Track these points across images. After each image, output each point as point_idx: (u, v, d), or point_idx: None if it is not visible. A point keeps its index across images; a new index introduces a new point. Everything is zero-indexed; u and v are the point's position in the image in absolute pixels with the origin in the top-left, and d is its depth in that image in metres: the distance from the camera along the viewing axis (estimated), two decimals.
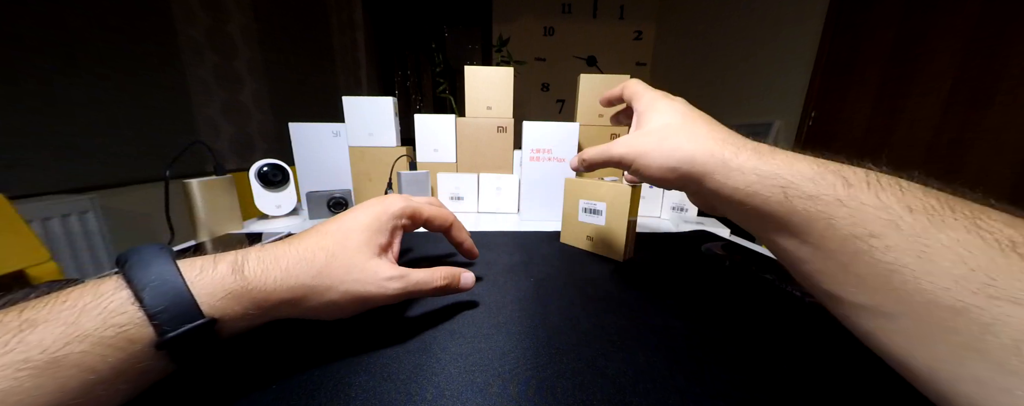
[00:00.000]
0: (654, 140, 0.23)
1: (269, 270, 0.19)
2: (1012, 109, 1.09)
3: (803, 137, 1.74)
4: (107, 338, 0.14)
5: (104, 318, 0.15)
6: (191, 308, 0.16)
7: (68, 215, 0.99)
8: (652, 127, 0.24)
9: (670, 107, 0.25)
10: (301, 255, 0.21)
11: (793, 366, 0.22)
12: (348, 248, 0.22)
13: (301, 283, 0.20)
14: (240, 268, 0.19)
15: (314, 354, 0.23)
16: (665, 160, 0.22)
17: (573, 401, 0.19)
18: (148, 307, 0.15)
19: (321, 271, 0.21)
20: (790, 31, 1.82)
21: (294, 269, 0.20)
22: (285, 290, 0.20)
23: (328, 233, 0.23)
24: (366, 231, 0.24)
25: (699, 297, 0.32)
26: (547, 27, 3.00)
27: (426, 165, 0.66)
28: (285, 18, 1.88)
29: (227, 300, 0.18)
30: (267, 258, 0.20)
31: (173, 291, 0.16)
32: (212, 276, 0.18)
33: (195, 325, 0.16)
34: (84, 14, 1.04)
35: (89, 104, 1.07)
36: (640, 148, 0.24)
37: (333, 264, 0.21)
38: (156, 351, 0.16)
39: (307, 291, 0.20)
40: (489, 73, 0.63)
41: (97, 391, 0.14)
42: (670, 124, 0.24)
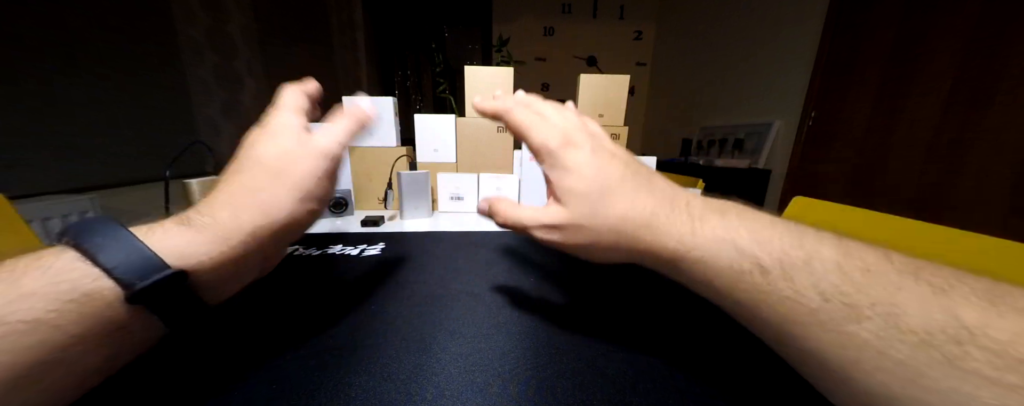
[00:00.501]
0: (588, 236, 0.20)
1: (215, 211, 0.19)
2: (1012, 109, 1.10)
3: (803, 137, 1.74)
4: (60, 293, 0.14)
5: (51, 276, 0.14)
6: (152, 261, 0.16)
7: (68, 215, 0.99)
8: (575, 213, 0.20)
9: (579, 170, 0.20)
10: (232, 186, 0.20)
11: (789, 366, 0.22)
12: (264, 159, 0.22)
13: (252, 203, 0.20)
14: (186, 220, 0.18)
15: (314, 354, 0.23)
16: (605, 257, 0.21)
17: (573, 401, 0.19)
18: (102, 262, 0.15)
19: (259, 185, 0.21)
20: (790, 31, 1.82)
21: (236, 198, 0.20)
22: (245, 217, 0.19)
23: (244, 165, 0.22)
24: (270, 141, 0.23)
25: (699, 297, 0.32)
26: (547, 27, 3.00)
27: (426, 165, 0.66)
28: (285, 18, 1.88)
29: (191, 249, 0.17)
30: (204, 206, 0.19)
31: (128, 247, 0.16)
32: (162, 232, 0.17)
33: (165, 275, 0.16)
34: (84, 14, 1.04)
35: (89, 104, 1.07)
36: (574, 243, 0.21)
37: (263, 174, 0.21)
38: (130, 307, 0.15)
39: (265, 206, 0.20)
40: (489, 73, 0.63)
41: (65, 350, 0.14)
42: (595, 212, 0.20)
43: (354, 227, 0.53)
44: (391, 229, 0.53)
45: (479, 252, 0.42)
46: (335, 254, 0.41)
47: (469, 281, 0.34)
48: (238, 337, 0.24)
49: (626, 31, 3.04)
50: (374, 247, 0.43)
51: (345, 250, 0.42)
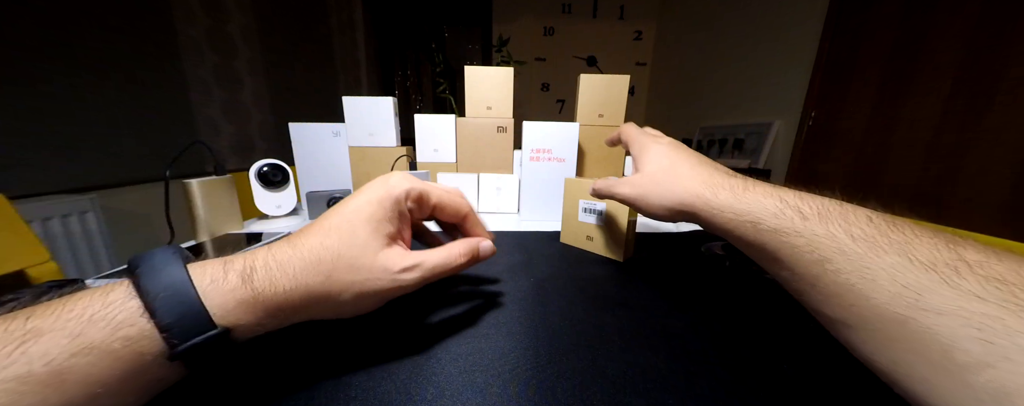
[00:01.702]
0: (649, 184, 0.27)
1: (277, 279, 0.19)
2: (1012, 109, 1.10)
3: (803, 137, 1.74)
4: (115, 350, 0.14)
5: (112, 330, 0.14)
6: (203, 319, 0.16)
7: (68, 215, 0.99)
8: (646, 171, 0.28)
9: (659, 152, 0.29)
10: (306, 259, 0.20)
11: (793, 366, 0.22)
12: (354, 245, 0.21)
13: (310, 290, 0.19)
14: (249, 278, 0.18)
15: (314, 354, 0.23)
16: (661, 202, 0.26)
17: (573, 401, 0.19)
18: (159, 319, 0.15)
19: (329, 275, 0.20)
20: (790, 31, 1.82)
21: (302, 276, 0.19)
22: (297, 299, 0.19)
23: (330, 229, 0.21)
24: (370, 222, 0.21)
25: (699, 297, 0.32)
26: (547, 27, 3.00)
27: (426, 165, 0.66)
28: (285, 18, 1.88)
29: (238, 310, 0.17)
30: (273, 265, 0.19)
31: (185, 302, 0.16)
32: (223, 287, 0.17)
33: (207, 337, 0.16)
34: (84, 14, 1.04)
35: (89, 104, 1.07)
36: (639, 191, 0.28)
37: (339, 265, 0.20)
38: (168, 362, 0.16)
39: (318, 297, 0.20)
40: (489, 73, 0.63)
41: (103, 402, 0.14)
42: (660, 168, 0.28)
43: None
44: None
45: None
46: None
47: (469, 281, 0.34)
48: None
49: (626, 31, 3.03)
50: None
51: None
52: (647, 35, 3.05)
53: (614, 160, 0.67)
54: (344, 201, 0.23)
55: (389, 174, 0.24)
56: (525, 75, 3.00)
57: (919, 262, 0.14)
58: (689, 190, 0.25)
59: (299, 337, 0.24)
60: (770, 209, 0.20)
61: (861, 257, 0.16)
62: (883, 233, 0.16)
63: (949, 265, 0.14)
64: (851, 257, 0.16)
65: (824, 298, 0.17)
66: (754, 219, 0.20)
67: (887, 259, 0.15)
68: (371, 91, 2.71)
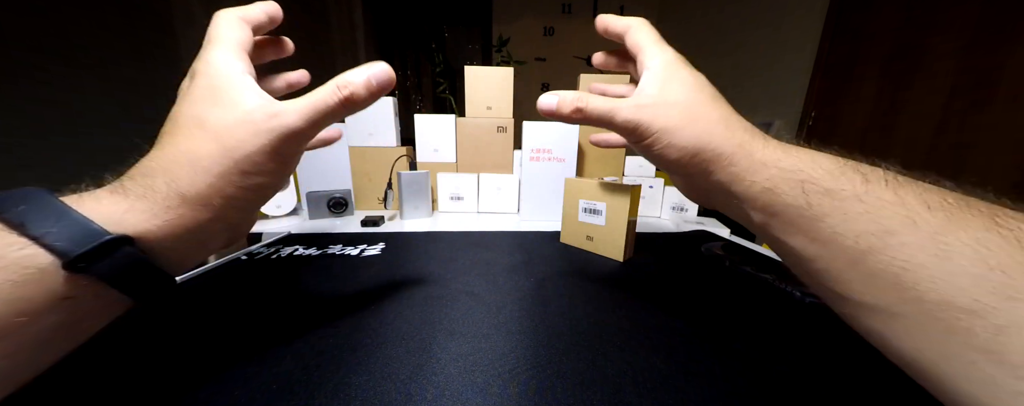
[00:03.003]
0: (682, 115, 0.20)
1: (151, 181, 0.17)
2: (1012, 109, 1.10)
3: (803, 137, 1.74)
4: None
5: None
6: (89, 228, 0.15)
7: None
8: (675, 98, 0.21)
9: (695, 79, 0.22)
10: (166, 155, 0.18)
11: (792, 366, 0.22)
12: (203, 126, 0.18)
13: (192, 177, 0.18)
14: (121, 189, 0.17)
15: (314, 354, 0.23)
16: (692, 141, 0.20)
17: (573, 401, 0.19)
18: (31, 231, 0.14)
19: (197, 158, 0.18)
20: (790, 31, 1.82)
21: (173, 169, 0.18)
22: (188, 188, 0.18)
23: (174, 129, 0.19)
24: (205, 100, 0.19)
25: (699, 297, 0.32)
26: (547, 27, 3.00)
27: (426, 165, 0.66)
28: (285, 18, 1.87)
29: (131, 216, 0.16)
30: (137, 174, 0.18)
31: (57, 214, 0.15)
32: (95, 202, 0.16)
33: (102, 241, 0.15)
34: (84, 15, 1.04)
35: (89, 104, 1.07)
36: (664, 122, 0.20)
37: (201, 145, 0.18)
38: (74, 276, 0.15)
39: (211, 180, 0.18)
40: (489, 73, 0.63)
41: (12, 326, 0.13)
42: (698, 100, 0.21)
43: (354, 227, 0.53)
44: (391, 229, 0.53)
45: (479, 252, 0.42)
46: (335, 254, 0.41)
47: (469, 281, 0.34)
48: (238, 337, 0.24)
49: None
50: (374, 247, 0.43)
51: (345, 250, 0.42)
52: None
53: (614, 160, 0.67)
54: (172, 112, 0.20)
55: (193, 70, 0.21)
56: (525, 75, 3.00)
57: (1013, 239, 0.12)
58: (733, 134, 0.19)
59: (299, 337, 0.24)
60: (826, 166, 0.17)
61: (939, 229, 0.13)
62: (963, 202, 0.13)
63: None
64: (924, 230, 0.13)
65: (866, 278, 0.14)
66: (804, 177, 0.17)
67: (971, 233, 0.12)
68: None
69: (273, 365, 0.22)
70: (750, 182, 0.18)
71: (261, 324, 0.26)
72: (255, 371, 0.21)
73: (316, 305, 0.29)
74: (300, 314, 0.28)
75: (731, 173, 0.19)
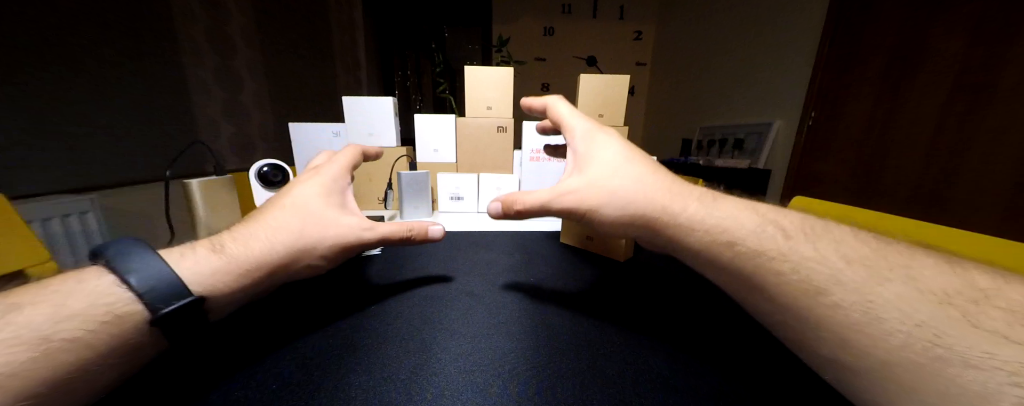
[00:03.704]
0: (603, 193, 0.21)
1: (249, 245, 0.21)
2: (1012, 109, 1.10)
3: (803, 137, 1.74)
4: (96, 316, 0.15)
5: (92, 299, 0.15)
6: (177, 286, 0.17)
7: (68, 215, 0.99)
8: (594, 176, 0.22)
9: (611, 146, 0.23)
10: (275, 225, 0.22)
11: (792, 366, 0.22)
12: (313, 211, 0.24)
13: (287, 247, 0.22)
14: (220, 248, 0.20)
15: (314, 354, 0.23)
16: (619, 216, 0.21)
17: (573, 401, 0.19)
18: (136, 288, 0.16)
19: (301, 232, 0.23)
20: (790, 31, 1.82)
21: (275, 237, 0.22)
22: (277, 257, 0.21)
23: (287, 205, 0.24)
24: (320, 197, 0.25)
25: (699, 297, 0.32)
26: (547, 27, 3.00)
27: (426, 165, 0.66)
28: (285, 18, 1.88)
29: (213, 277, 0.19)
30: (241, 237, 0.21)
31: (158, 273, 0.17)
32: (194, 258, 0.19)
33: (186, 302, 0.17)
34: (84, 14, 1.04)
35: (89, 104, 1.07)
36: (590, 203, 0.22)
37: (309, 224, 0.23)
38: (149, 328, 0.17)
39: (296, 253, 0.22)
40: (489, 73, 0.63)
41: (91, 367, 0.15)
42: (614, 171, 0.22)
43: None
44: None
45: (479, 252, 0.42)
46: None
47: (469, 281, 0.34)
48: (238, 337, 0.24)
49: (626, 31, 3.04)
50: (374, 247, 0.43)
51: None
52: (647, 35, 3.05)
53: None
54: (287, 187, 0.26)
55: (317, 163, 0.29)
56: (525, 75, 3.00)
57: (929, 292, 0.12)
58: (652, 200, 0.20)
59: (299, 337, 0.24)
60: (748, 225, 0.17)
61: (861, 286, 0.13)
62: (878, 252, 0.14)
63: (963, 294, 0.12)
64: (849, 287, 0.13)
65: (815, 338, 0.15)
66: (730, 239, 0.17)
67: (892, 288, 0.13)
68: (371, 91, 2.71)
69: (273, 365, 0.22)
70: (684, 247, 0.19)
71: (261, 324, 0.26)
72: (254, 371, 0.21)
73: (316, 305, 0.29)
74: (300, 314, 0.28)
75: (669, 235, 0.20)
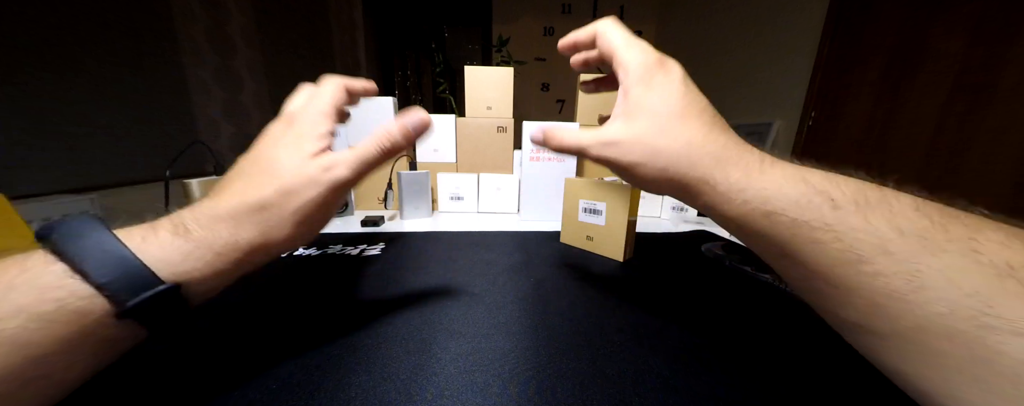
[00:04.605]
0: (647, 151, 0.20)
1: (214, 226, 0.18)
2: (1012, 109, 1.10)
3: (803, 137, 1.74)
4: (46, 313, 0.13)
5: (38, 293, 0.14)
6: (144, 274, 0.15)
7: (68, 215, 0.99)
8: (642, 129, 0.20)
9: (667, 96, 0.20)
10: (232, 202, 0.19)
11: (792, 366, 0.22)
12: (275, 174, 0.20)
13: (254, 225, 0.19)
14: (184, 231, 0.17)
15: (314, 354, 0.23)
16: (657, 176, 0.20)
17: (573, 401, 0.19)
18: (94, 279, 0.14)
19: (262, 206, 0.19)
20: (790, 31, 1.82)
21: (238, 216, 0.19)
22: (246, 238, 0.19)
23: (255, 172, 0.20)
24: (287, 148, 0.21)
25: (699, 297, 0.32)
26: (547, 27, 3.00)
27: (426, 165, 0.66)
28: (285, 18, 1.88)
29: (187, 263, 0.17)
30: (202, 217, 0.18)
31: (118, 261, 0.15)
32: (158, 243, 0.17)
33: (157, 292, 0.15)
34: (84, 14, 1.04)
35: (89, 104, 1.07)
36: (629, 158, 0.20)
37: (268, 194, 0.19)
38: (118, 321, 0.15)
39: (266, 230, 0.19)
40: (489, 73, 0.63)
41: (48, 363, 0.14)
42: (664, 130, 0.20)
43: (354, 227, 0.53)
44: (391, 229, 0.53)
45: (479, 252, 0.42)
46: (334, 254, 0.41)
47: (469, 281, 0.34)
48: (238, 337, 0.24)
49: None
50: (374, 247, 0.43)
51: (345, 250, 0.42)
52: (647, 35, 3.05)
53: None
54: (257, 141, 0.22)
55: (291, 115, 0.22)
56: (525, 75, 3.00)
57: (990, 265, 0.11)
58: (695, 167, 0.19)
59: (299, 337, 0.24)
60: (792, 195, 0.16)
61: (911, 256, 0.13)
62: (939, 225, 0.13)
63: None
64: (898, 257, 0.13)
65: (843, 301, 0.15)
66: (768, 209, 0.16)
67: (946, 259, 0.12)
68: None
69: (273, 365, 0.21)
70: (722, 211, 0.19)
71: (261, 324, 0.26)
72: (255, 371, 0.21)
73: (316, 305, 0.29)
74: (300, 314, 0.28)
75: (705, 201, 0.19)
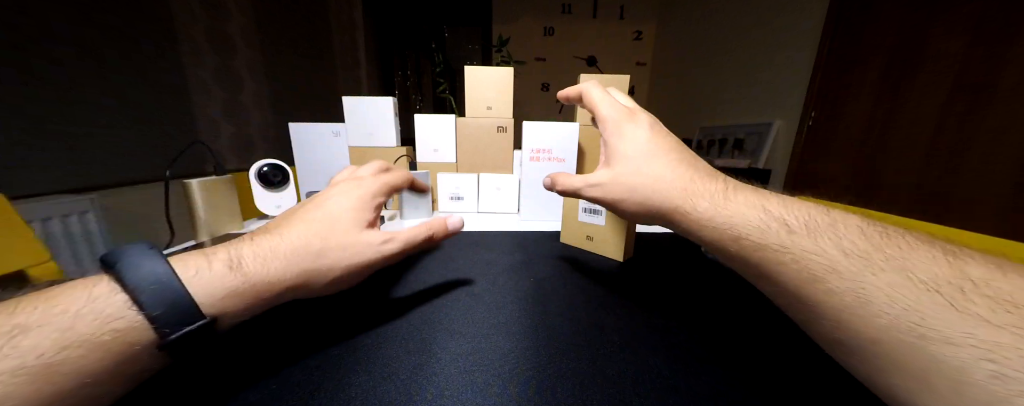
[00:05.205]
0: (625, 189, 0.24)
1: (269, 263, 0.20)
2: (1012, 109, 1.09)
3: (803, 137, 1.74)
4: (105, 343, 0.14)
5: (101, 323, 0.14)
6: (191, 309, 0.16)
7: (68, 215, 0.99)
8: (620, 170, 0.24)
9: (636, 141, 0.24)
10: (295, 243, 0.21)
11: (792, 366, 0.22)
12: (338, 231, 0.23)
13: (303, 269, 0.21)
14: (238, 265, 0.19)
15: (314, 354, 0.23)
16: (638, 211, 0.24)
17: (573, 401, 0.19)
18: (147, 311, 0.15)
19: (320, 253, 0.22)
20: (790, 31, 1.82)
21: (293, 258, 0.21)
22: (290, 279, 0.20)
23: (315, 219, 0.23)
24: (351, 212, 0.24)
25: (699, 297, 0.32)
26: (547, 27, 3.00)
27: (426, 165, 0.66)
28: (285, 18, 1.88)
29: (228, 299, 0.18)
30: (261, 251, 0.20)
31: (171, 293, 0.16)
32: (210, 276, 0.18)
33: (197, 326, 0.16)
34: (84, 15, 1.04)
35: (89, 104, 1.07)
36: (614, 196, 0.25)
37: (329, 245, 0.22)
38: (157, 352, 0.16)
39: (311, 275, 0.21)
40: (489, 73, 0.63)
41: (93, 390, 0.14)
42: (633, 167, 0.24)
43: None
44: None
45: (479, 252, 0.42)
46: None
47: (469, 281, 0.34)
48: (238, 337, 0.24)
49: (626, 31, 3.04)
50: None
51: None
52: (647, 35, 3.05)
53: None
54: (321, 198, 0.25)
55: (362, 176, 0.27)
56: (525, 75, 3.00)
57: (919, 280, 0.13)
58: (668, 199, 0.22)
59: (299, 337, 0.24)
60: (753, 222, 0.18)
61: (855, 275, 0.14)
62: (878, 247, 0.15)
63: (952, 284, 0.12)
64: (844, 275, 0.15)
65: (814, 318, 0.16)
66: (735, 234, 0.18)
67: (884, 277, 0.14)
68: (371, 91, 2.71)
69: (273, 365, 0.22)
70: (697, 238, 0.21)
71: (260, 323, 0.26)
72: (255, 371, 0.21)
73: (316, 305, 0.29)
74: (300, 314, 0.28)
75: (684, 228, 0.22)
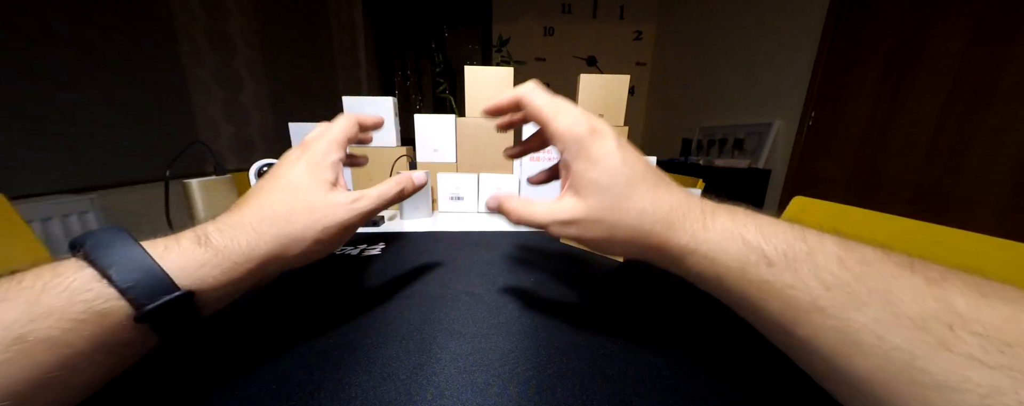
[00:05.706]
0: (604, 228, 0.20)
1: (237, 236, 0.20)
2: (1012, 109, 1.10)
3: (803, 137, 1.74)
4: (75, 313, 0.14)
5: (70, 295, 0.14)
6: (163, 281, 0.16)
7: (68, 215, 0.99)
8: (595, 205, 0.20)
9: (608, 169, 0.20)
10: (259, 214, 0.21)
11: (792, 366, 0.22)
12: (300, 196, 0.22)
13: (274, 236, 0.20)
14: (205, 240, 0.19)
15: (314, 354, 0.23)
16: (619, 249, 0.21)
17: (573, 401, 0.19)
18: (117, 283, 0.15)
19: (288, 219, 0.21)
20: (790, 31, 1.82)
21: (261, 226, 0.20)
22: (264, 246, 0.20)
23: (273, 190, 0.22)
24: (306, 175, 0.23)
25: (699, 297, 0.32)
26: (547, 27, 3.00)
27: (426, 165, 0.66)
28: (285, 18, 1.88)
29: (201, 270, 0.18)
30: (226, 227, 0.20)
31: (141, 267, 0.16)
32: (179, 251, 0.18)
33: (172, 297, 0.16)
34: (84, 15, 1.04)
35: (89, 104, 1.07)
36: (592, 236, 0.21)
37: (295, 209, 0.22)
38: (136, 324, 0.16)
39: (285, 241, 0.21)
40: (489, 73, 0.63)
41: (72, 365, 0.14)
42: (616, 205, 0.20)
43: None
44: (391, 229, 0.53)
45: (479, 252, 0.42)
46: (335, 254, 0.41)
47: (469, 281, 0.34)
48: (239, 337, 0.24)
49: (626, 31, 3.03)
50: (374, 247, 0.43)
51: (344, 250, 0.42)
52: (647, 35, 3.05)
53: None
54: (273, 171, 0.24)
55: (306, 141, 0.25)
56: (525, 75, 3.00)
57: (906, 317, 0.12)
58: (650, 235, 0.19)
59: (300, 337, 0.24)
60: (732, 254, 0.17)
61: (839, 311, 0.14)
62: (858, 277, 0.14)
63: (939, 319, 0.12)
64: (828, 312, 0.14)
65: (806, 352, 0.15)
66: (718, 270, 0.17)
67: (869, 314, 0.13)
68: (371, 91, 2.71)
69: (273, 365, 0.22)
70: (683, 268, 0.20)
71: (261, 324, 0.26)
72: (255, 370, 0.21)
73: (315, 305, 0.29)
74: (300, 314, 0.28)
75: (666, 263, 0.21)
